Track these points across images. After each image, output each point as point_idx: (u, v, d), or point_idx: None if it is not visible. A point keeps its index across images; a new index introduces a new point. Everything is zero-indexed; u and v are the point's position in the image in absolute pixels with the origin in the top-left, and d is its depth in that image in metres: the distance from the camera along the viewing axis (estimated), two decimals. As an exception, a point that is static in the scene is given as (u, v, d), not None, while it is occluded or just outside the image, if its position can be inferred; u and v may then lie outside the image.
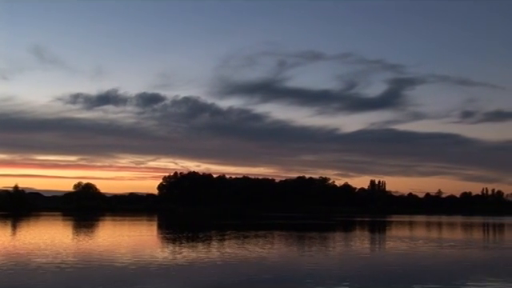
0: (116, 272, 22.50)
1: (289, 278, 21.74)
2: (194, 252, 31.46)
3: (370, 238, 51.13)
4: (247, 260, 27.86)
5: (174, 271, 23.07)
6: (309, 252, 33.50)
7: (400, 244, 40.82)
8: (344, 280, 21.08)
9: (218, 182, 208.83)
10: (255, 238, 44.70)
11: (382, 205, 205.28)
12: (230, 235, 47.96)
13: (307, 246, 37.52)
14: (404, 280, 21.41)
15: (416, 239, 46.91)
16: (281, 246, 37.61)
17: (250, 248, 34.68)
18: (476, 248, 38.55)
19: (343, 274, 22.88)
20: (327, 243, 40.85)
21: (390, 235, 54.66)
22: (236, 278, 21.57)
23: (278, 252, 32.84)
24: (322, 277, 21.99)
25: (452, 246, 39.29)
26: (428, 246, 39.01)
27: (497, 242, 46.45)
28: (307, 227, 68.37)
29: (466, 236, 55.60)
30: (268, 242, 40.78)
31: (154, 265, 24.85)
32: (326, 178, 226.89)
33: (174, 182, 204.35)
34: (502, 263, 29.37)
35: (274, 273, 23.39)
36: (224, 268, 24.50)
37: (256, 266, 25.43)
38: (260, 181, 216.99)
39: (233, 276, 22.00)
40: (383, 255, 33.53)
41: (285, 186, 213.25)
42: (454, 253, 34.42)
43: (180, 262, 26.07)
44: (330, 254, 32.71)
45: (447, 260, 29.90)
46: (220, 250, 32.87)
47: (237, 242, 40.14)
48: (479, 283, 20.87)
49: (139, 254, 29.70)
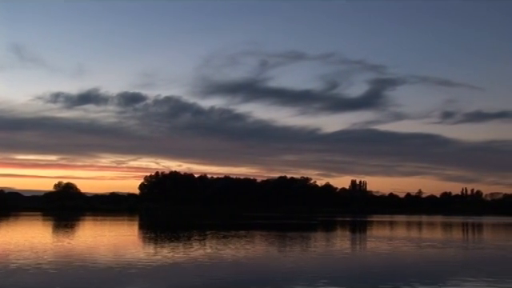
0: (96, 272, 22.33)
1: (270, 278, 21.74)
2: (175, 252, 31.34)
3: (351, 237, 51.35)
4: (228, 260, 27.81)
5: (155, 271, 22.95)
6: (290, 252, 33.54)
7: (381, 244, 41.06)
8: (325, 280, 21.12)
9: (199, 181, 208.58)
10: (236, 237, 44.66)
11: (363, 205, 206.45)
12: (212, 235, 47.87)
13: (288, 246, 37.57)
14: (385, 279, 21.51)
15: (396, 239, 47.21)
16: (262, 246, 37.60)
17: (231, 248, 34.63)
18: (455, 248, 38.89)
19: (324, 274, 22.93)
20: (308, 243, 40.94)
21: (371, 235, 54.95)
22: (217, 278, 21.51)
23: (259, 252, 32.82)
24: (303, 277, 22.02)
25: (432, 246, 39.59)
26: (408, 246, 39.27)
27: (476, 242, 46.90)
28: (288, 227, 68.48)
29: (445, 236, 56.08)
30: (249, 241, 40.75)
31: (134, 265, 24.69)
32: (307, 178, 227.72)
33: (156, 182, 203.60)
34: (481, 263, 29.67)
35: (255, 273, 23.40)
36: (205, 268, 24.43)
37: (237, 266, 25.40)
38: (241, 181, 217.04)
39: (213, 276, 21.94)
40: (364, 255, 33.68)
41: (266, 186, 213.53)
42: (434, 252, 34.69)
43: (161, 262, 25.95)
44: (311, 254, 32.77)
45: (427, 260, 30.11)
46: (201, 250, 32.78)
47: (218, 241, 40.07)
48: (459, 282, 21.04)
49: (120, 255, 29.52)
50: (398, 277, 22.43)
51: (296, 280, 21.07)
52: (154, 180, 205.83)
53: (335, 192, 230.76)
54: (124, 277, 21.25)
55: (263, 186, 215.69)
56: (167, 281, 20.65)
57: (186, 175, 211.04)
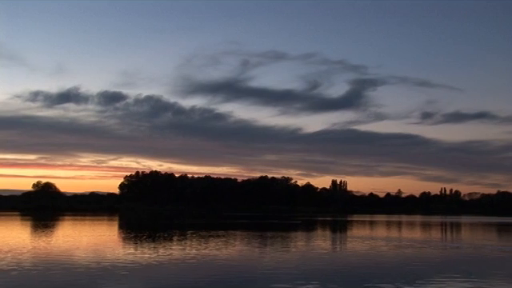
0: (75, 273, 22.16)
1: (250, 278, 21.75)
2: (155, 252, 31.21)
3: (332, 237, 51.54)
4: (209, 260, 27.77)
5: (134, 272, 22.83)
6: (270, 252, 33.56)
7: (361, 243, 41.28)
8: (306, 279, 21.18)
9: (179, 181, 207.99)
10: (217, 237, 44.61)
11: (344, 204, 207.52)
12: (192, 235, 47.76)
13: (269, 246, 37.61)
14: (365, 279, 21.63)
15: (376, 238, 47.51)
16: (243, 245, 37.60)
17: (211, 248, 34.59)
18: (434, 247, 39.22)
19: (305, 274, 22.99)
20: (289, 243, 41.02)
21: (351, 235, 55.20)
22: (197, 278, 21.47)
23: (239, 252, 32.83)
24: (283, 276, 22.05)
25: (411, 246, 39.88)
26: (388, 246, 39.52)
27: (454, 242, 47.35)
28: (269, 227, 68.56)
29: (424, 235, 56.52)
30: (230, 241, 40.73)
31: (113, 265, 24.54)
32: (288, 178, 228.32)
33: (136, 182, 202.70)
34: (458, 262, 29.94)
35: (235, 273, 23.38)
36: (185, 268, 24.37)
37: (217, 266, 25.37)
38: (222, 180, 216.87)
39: (193, 276, 21.90)
40: (344, 255, 33.81)
41: (247, 186, 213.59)
42: (413, 252, 34.94)
43: (140, 263, 25.82)
44: (291, 253, 32.83)
45: (406, 259, 30.33)
46: (181, 250, 32.69)
47: (198, 241, 39.99)
48: (437, 281, 21.24)
49: (99, 255, 29.33)
50: (377, 276, 22.56)
51: (277, 280, 21.09)
52: (134, 180, 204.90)
53: (316, 192, 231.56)
54: (103, 277, 21.11)
55: (244, 185, 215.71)
56: (147, 281, 20.55)
57: (166, 175, 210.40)
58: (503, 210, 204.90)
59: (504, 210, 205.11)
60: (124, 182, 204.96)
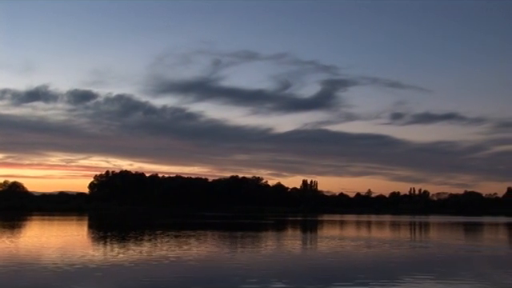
0: (44, 274, 21.89)
1: (220, 278, 21.75)
2: (124, 252, 31.00)
3: (302, 237, 51.80)
4: (179, 260, 27.67)
5: (103, 272, 22.66)
6: (241, 252, 33.60)
7: (331, 243, 41.57)
8: (276, 279, 21.27)
9: (150, 181, 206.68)
10: (187, 237, 44.49)
11: (314, 204, 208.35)
12: (162, 235, 47.52)
13: (239, 246, 37.64)
14: (335, 278, 21.80)
15: (346, 238, 47.88)
16: (213, 245, 37.55)
17: (181, 248, 34.49)
18: (403, 247, 39.68)
19: (275, 274, 23.07)
20: (259, 243, 41.10)
21: (322, 235, 55.55)
22: (167, 277, 21.39)
23: (210, 251, 32.78)
24: (254, 276, 22.10)
25: (381, 245, 40.30)
26: (358, 245, 39.87)
27: (422, 241, 47.98)
28: (240, 227, 68.58)
29: (393, 235, 57.16)
30: (200, 241, 40.65)
31: (82, 266, 24.31)
32: (259, 178, 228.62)
33: (106, 181, 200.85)
34: (427, 261, 30.35)
35: (206, 272, 23.36)
36: (155, 268, 24.25)
37: (188, 266, 25.30)
38: (193, 180, 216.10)
39: (164, 276, 21.81)
40: (314, 254, 34.03)
41: (218, 186, 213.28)
42: (383, 251, 35.33)
43: (109, 263, 25.62)
44: (261, 253, 32.90)
45: (376, 258, 30.68)
46: (151, 250, 32.52)
47: (168, 241, 39.82)
48: (407, 280, 21.52)
49: (68, 255, 28.99)
50: (348, 276, 22.77)
51: (248, 279, 21.13)
52: (104, 179, 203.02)
53: (286, 192, 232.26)
54: (73, 277, 20.89)
55: (215, 185, 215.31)
56: (117, 281, 20.42)
57: (136, 174, 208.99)
58: (470, 209, 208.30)
59: (471, 209, 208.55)
60: (94, 182, 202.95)
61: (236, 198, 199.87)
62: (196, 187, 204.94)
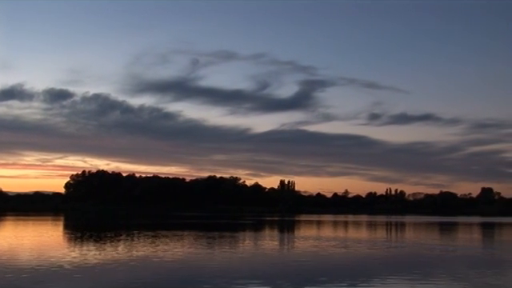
0: (19, 274, 21.63)
1: (198, 278, 21.69)
2: (100, 253, 30.78)
3: (280, 237, 51.92)
4: (156, 260, 27.54)
5: (78, 273, 22.46)
6: (218, 252, 33.55)
7: (308, 243, 41.71)
8: (253, 279, 21.29)
9: (127, 180, 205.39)
10: (164, 237, 44.30)
11: (291, 204, 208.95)
12: (139, 235, 47.27)
13: (216, 246, 37.59)
14: (312, 278, 21.88)
15: (323, 238, 48.08)
16: (190, 245, 37.44)
17: (158, 248, 34.33)
18: (379, 246, 39.99)
19: (253, 274, 23.10)
20: (236, 243, 41.11)
21: (299, 235, 55.71)
22: (144, 278, 21.28)
23: (187, 252, 32.68)
24: (232, 276, 22.09)
25: (357, 245, 40.53)
26: (335, 245, 40.05)
27: (398, 241, 48.40)
28: (217, 227, 68.51)
29: (370, 235, 57.56)
30: (177, 241, 40.49)
31: (58, 267, 24.06)
32: (236, 178, 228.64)
33: (82, 181, 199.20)
34: (403, 260, 30.65)
35: (182, 273, 23.29)
36: (131, 268, 24.12)
37: (165, 266, 25.19)
38: (170, 180, 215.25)
39: (140, 276, 21.69)
40: (292, 254, 34.13)
41: (196, 186, 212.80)
42: (359, 251, 35.55)
43: (86, 263, 25.41)
44: (239, 253, 32.91)
45: (352, 258, 30.88)
46: (128, 251, 32.32)
47: (145, 241, 39.62)
48: (383, 280, 21.70)
49: (43, 256, 28.67)
50: (324, 275, 22.86)
51: (225, 279, 21.12)
52: (80, 179, 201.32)
53: (264, 192, 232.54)
54: (48, 278, 20.69)
55: (192, 185, 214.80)
56: (93, 281, 20.26)
57: (113, 174, 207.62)
58: (445, 209, 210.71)
59: (446, 209, 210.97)
60: (70, 182, 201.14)
61: (214, 198, 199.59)
62: (173, 187, 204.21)
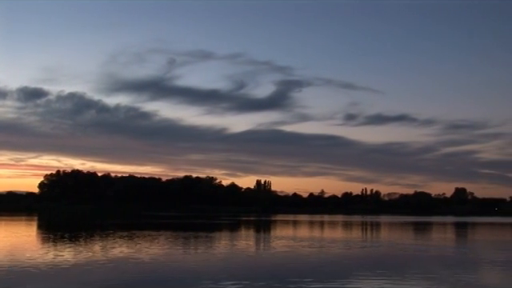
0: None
1: (173, 278, 21.61)
2: (75, 253, 30.48)
3: (256, 237, 51.94)
4: (131, 260, 27.36)
5: (53, 273, 22.24)
6: (193, 252, 33.46)
7: (283, 243, 41.80)
8: (230, 279, 21.27)
9: (102, 180, 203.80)
10: (140, 237, 44.03)
11: (268, 204, 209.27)
12: (114, 235, 46.89)
13: (192, 246, 37.48)
14: (289, 278, 21.93)
15: (299, 238, 48.24)
16: (166, 245, 37.28)
17: (134, 248, 34.11)
18: (354, 246, 40.25)
19: (229, 274, 23.07)
20: (212, 243, 41.02)
21: (274, 234, 55.82)
22: (118, 278, 21.13)
23: (162, 252, 32.51)
24: (208, 276, 22.04)
25: (333, 245, 40.74)
26: (310, 245, 40.21)
27: (373, 241, 48.77)
28: (193, 227, 68.30)
29: (345, 235, 57.91)
30: (152, 241, 40.27)
31: (31, 267, 23.77)
32: (212, 178, 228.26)
33: (57, 181, 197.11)
34: (378, 260, 30.87)
35: (158, 273, 23.16)
36: (106, 269, 23.92)
37: (140, 267, 25.03)
38: (146, 180, 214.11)
39: (115, 277, 21.54)
40: (268, 254, 34.18)
41: (171, 186, 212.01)
42: (335, 251, 35.72)
43: (59, 264, 25.12)
44: (214, 253, 32.84)
45: (328, 258, 31.01)
46: (102, 251, 32.05)
47: (120, 241, 39.32)
48: (357, 279, 21.85)
49: (15, 257, 28.30)
50: (300, 275, 22.92)
51: (201, 280, 21.07)
52: (54, 179, 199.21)
53: (240, 192, 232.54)
54: (18, 280, 20.44)
55: (168, 185, 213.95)
56: (67, 282, 20.07)
57: (88, 174, 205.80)
58: (420, 209, 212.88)
59: (420, 209, 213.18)
60: (44, 181, 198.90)
61: (190, 198, 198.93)
62: (149, 187, 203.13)
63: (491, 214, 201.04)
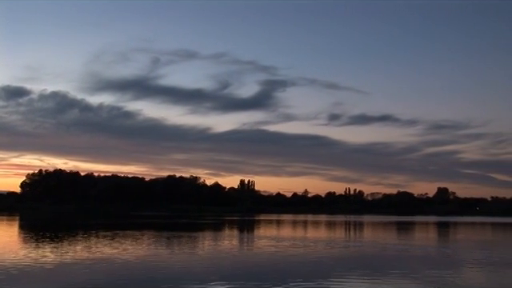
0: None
1: (157, 278, 21.57)
2: (57, 253, 30.28)
3: (239, 237, 51.96)
4: (114, 260, 27.24)
5: (34, 274, 22.09)
6: (177, 252, 33.40)
7: (266, 243, 41.88)
8: (214, 279, 21.28)
9: (85, 180, 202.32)
10: (123, 237, 43.85)
11: (251, 204, 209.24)
12: (97, 235, 46.65)
13: (175, 246, 37.42)
14: (272, 277, 21.99)
15: (283, 238, 48.34)
16: (149, 245, 37.18)
17: (116, 248, 33.96)
18: (337, 245, 40.43)
19: (213, 273, 23.08)
20: (197, 243, 40.99)
21: (258, 234, 55.88)
22: (101, 278, 21.04)
23: (146, 252, 32.43)
24: (191, 277, 22.04)
25: (316, 244, 40.89)
26: (294, 245, 40.30)
27: (356, 240, 49.02)
28: (176, 226, 68.18)
29: (329, 234, 58.12)
30: (135, 241, 40.13)
31: (12, 268, 23.59)
32: (196, 177, 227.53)
33: (39, 180, 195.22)
34: (361, 260, 31.05)
35: (142, 273, 23.09)
36: (88, 269, 23.80)
37: (123, 266, 24.93)
38: (129, 179, 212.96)
39: (98, 277, 21.44)
40: (251, 254, 34.22)
41: (155, 185, 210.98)
42: (318, 250, 35.85)
43: (40, 264, 24.96)
44: (199, 253, 32.84)
45: (312, 257, 31.11)
46: (85, 251, 31.86)
47: (103, 241, 39.12)
48: (339, 278, 21.96)
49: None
50: (284, 275, 22.99)
51: (185, 280, 21.07)
52: (37, 178, 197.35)
53: (224, 191, 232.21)
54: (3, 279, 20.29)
55: (152, 185, 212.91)
56: (49, 282, 19.96)
57: (71, 173, 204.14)
58: (403, 209, 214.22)
59: (403, 209, 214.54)
60: (26, 181, 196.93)
61: (173, 198, 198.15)
62: (132, 187, 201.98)
63: (472, 214, 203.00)
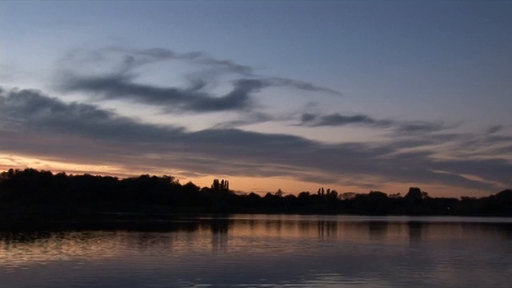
0: None
1: (129, 279, 21.40)
2: (27, 254, 29.84)
3: (212, 237, 51.83)
4: (85, 261, 26.94)
5: (4, 275, 21.77)
6: (150, 252, 33.16)
7: (239, 243, 41.85)
8: (187, 279, 21.19)
9: (57, 180, 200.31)
10: (95, 237, 43.44)
11: (225, 204, 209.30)
12: (68, 235, 46.10)
13: (149, 246, 37.17)
14: (244, 278, 21.98)
15: (256, 238, 48.36)
16: (121, 245, 36.87)
17: (88, 248, 33.63)
18: (310, 245, 40.57)
19: (185, 274, 22.98)
20: (169, 243, 40.77)
21: (231, 234, 55.82)
22: (72, 280, 20.79)
23: (118, 252, 32.14)
24: (164, 277, 21.90)
25: (289, 245, 40.97)
26: (267, 245, 40.35)
27: (329, 240, 49.25)
28: (149, 226, 67.79)
29: (302, 234, 58.30)
30: (108, 241, 39.79)
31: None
32: (170, 177, 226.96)
33: (9, 180, 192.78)
34: (333, 259, 31.21)
35: (113, 274, 22.84)
36: (59, 270, 23.49)
37: (94, 267, 24.66)
38: (102, 179, 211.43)
39: (69, 278, 21.18)
40: (224, 254, 34.15)
41: (128, 185, 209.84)
42: (291, 251, 35.92)
43: (11, 265, 24.59)
44: (171, 253, 32.66)
45: (284, 257, 31.16)
46: (56, 251, 31.43)
47: (75, 242, 38.69)
48: (312, 278, 22.03)
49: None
50: (256, 275, 23.00)
51: (157, 280, 20.92)
52: (7, 178, 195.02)
53: (197, 191, 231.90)
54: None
55: (125, 184, 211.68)
56: (16, 284, 19.67)
57: (42, 173, 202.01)
58: (375, 209, 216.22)
59: (376, 209, 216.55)
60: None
61: (146, 198, 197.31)
62: (105, 187, 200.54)
63: (443, 214, 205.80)
